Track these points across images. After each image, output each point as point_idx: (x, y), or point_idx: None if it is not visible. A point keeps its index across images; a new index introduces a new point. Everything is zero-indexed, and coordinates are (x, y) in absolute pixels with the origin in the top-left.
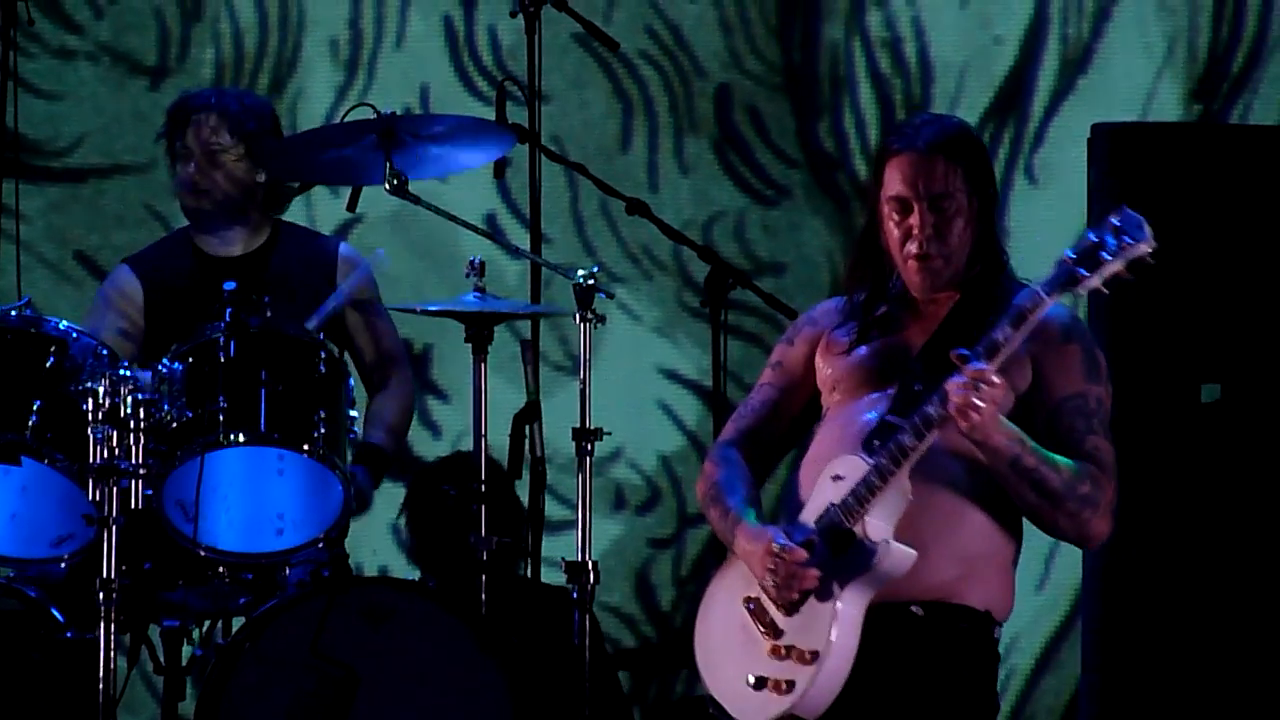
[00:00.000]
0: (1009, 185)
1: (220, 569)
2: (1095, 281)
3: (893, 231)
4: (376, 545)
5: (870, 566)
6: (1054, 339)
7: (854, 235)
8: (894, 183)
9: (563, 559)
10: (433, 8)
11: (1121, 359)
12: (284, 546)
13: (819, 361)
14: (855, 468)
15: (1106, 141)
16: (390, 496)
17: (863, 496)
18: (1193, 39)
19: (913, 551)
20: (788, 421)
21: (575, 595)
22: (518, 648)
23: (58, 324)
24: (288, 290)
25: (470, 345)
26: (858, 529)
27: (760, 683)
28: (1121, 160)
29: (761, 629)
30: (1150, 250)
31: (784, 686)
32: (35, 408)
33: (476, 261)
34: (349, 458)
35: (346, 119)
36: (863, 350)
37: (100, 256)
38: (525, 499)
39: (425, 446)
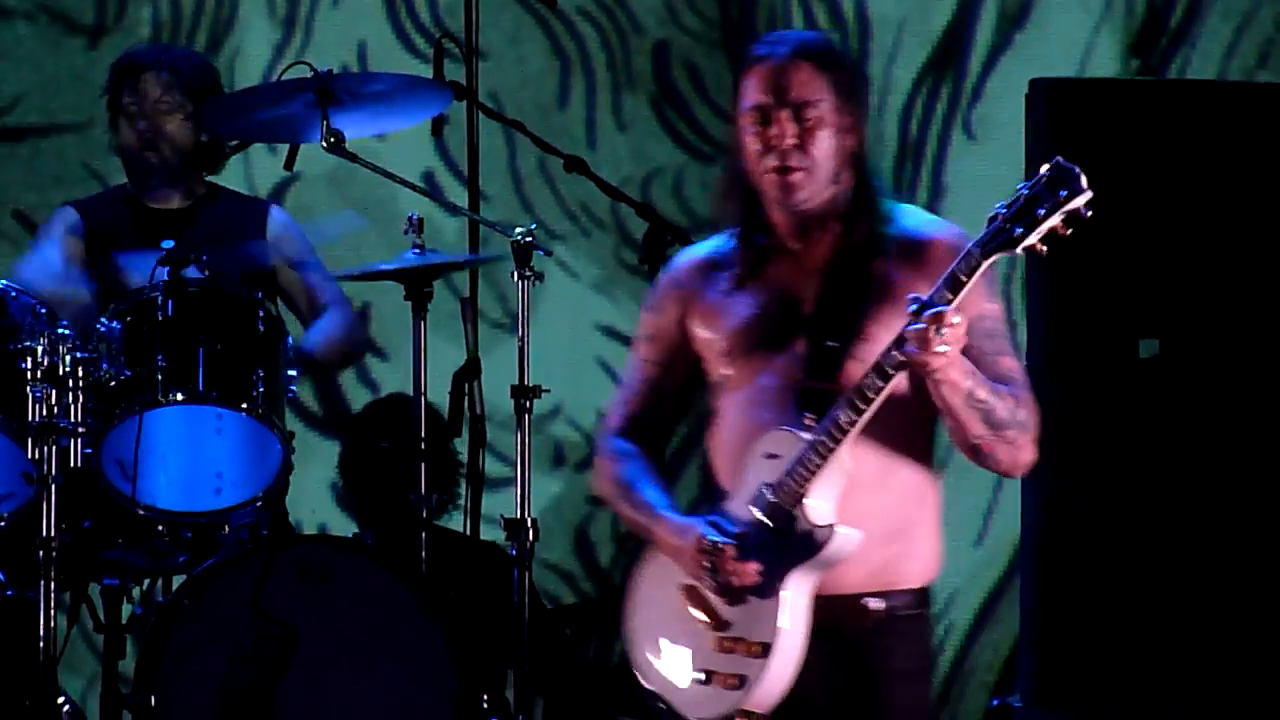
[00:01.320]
0: (947, 141)
1: (159, 527)
2: (1033, 239)
3: (752, 146)
4: (315, 503)
5: (815, 553)
6: (946, 264)
7: None
8: (753, 91)
9: (501, 516)
10: None
11: (1060, 314)
12: (222, 505)
13: (695, 327)
14: (789, 443)
15: (1044, 97)
16: (331, 453)
17: (801, 476)
18: None
19: (858, 533)
20: (673, 397)
21: (514, 552)
22: (457, 604)
23: None
24: (221, 243)
25: (409, 303)
26: (798, 511)
27: (708, 678)
28: (1059, 115)
29: (703, 619)
30: (1086, 201)
31: (733, 681)
32: None
33: (415, 218)
34: (285, 407)
35: (283, 77)
36: (749, 309)
37: (38, 215)
38: (465, 456)
39: (364, 404)
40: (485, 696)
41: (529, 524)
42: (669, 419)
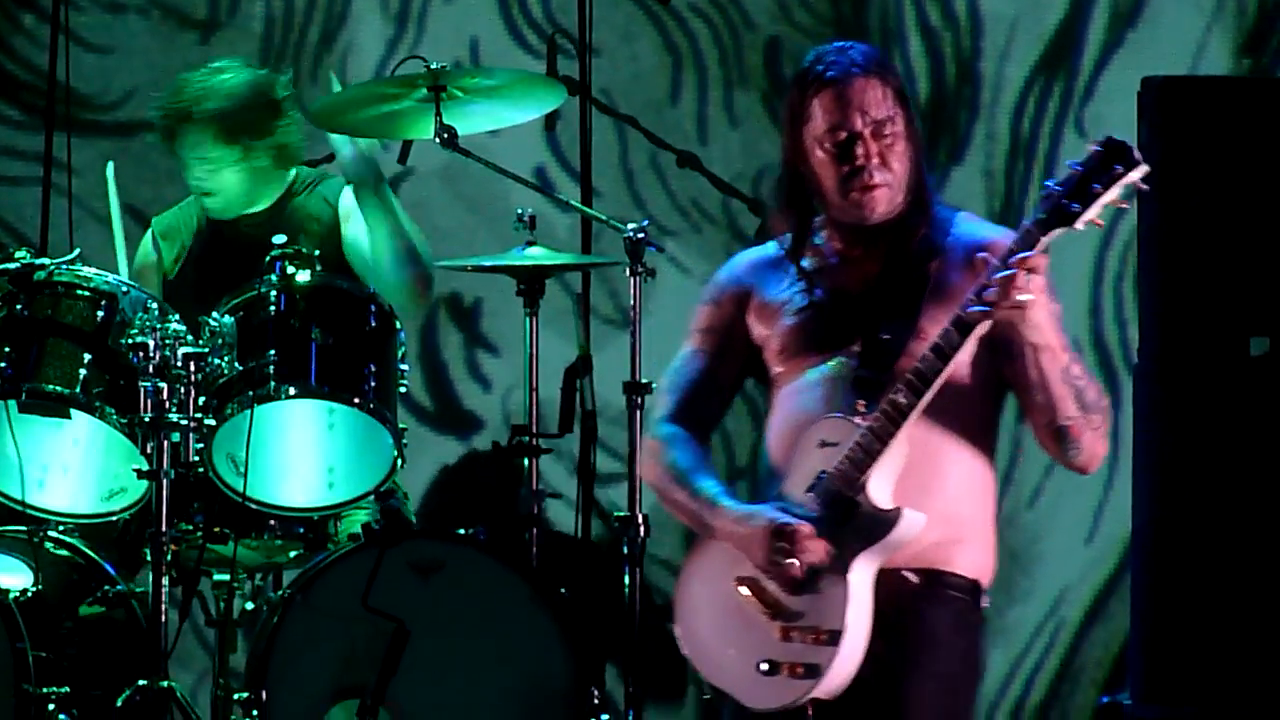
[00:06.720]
0: (1059, 139)
1: (271, 522)
2: (1091, 214)
3: (826, 166)
4: (426, 498)
5: (883, 537)
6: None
7: None
8: (829, 112)
9: (614, 513)
10: None
11: (1170, 312)
12: (335, 500)
13: (753, 323)
14: (844, 431)
15: (1156, 95)
16: (443, 449)
17: (861, 462)
18: None
19: (923, 516)
20: (724, 390)
21: (626, 549)
22: (569, 599)
23: (108, 278)
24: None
25: (521, 299)
26: (860, 497)
27: (774, 668)
28: (1171, 114)
29: (764, 610)
30: (1144, 175)
31: (802, 670)
32: (85, 362)
33: (526, 215)
34: (397, 401)
35: (396, 73)
36: (804, 309)
37: (151, 210)
38: (576, 452)
39: (476, 400)
40: (596, 692)
41: (640, 520)
42: (717, 410)
